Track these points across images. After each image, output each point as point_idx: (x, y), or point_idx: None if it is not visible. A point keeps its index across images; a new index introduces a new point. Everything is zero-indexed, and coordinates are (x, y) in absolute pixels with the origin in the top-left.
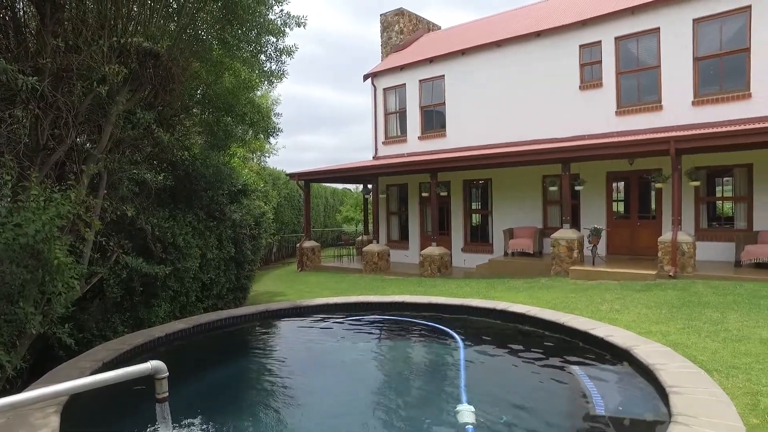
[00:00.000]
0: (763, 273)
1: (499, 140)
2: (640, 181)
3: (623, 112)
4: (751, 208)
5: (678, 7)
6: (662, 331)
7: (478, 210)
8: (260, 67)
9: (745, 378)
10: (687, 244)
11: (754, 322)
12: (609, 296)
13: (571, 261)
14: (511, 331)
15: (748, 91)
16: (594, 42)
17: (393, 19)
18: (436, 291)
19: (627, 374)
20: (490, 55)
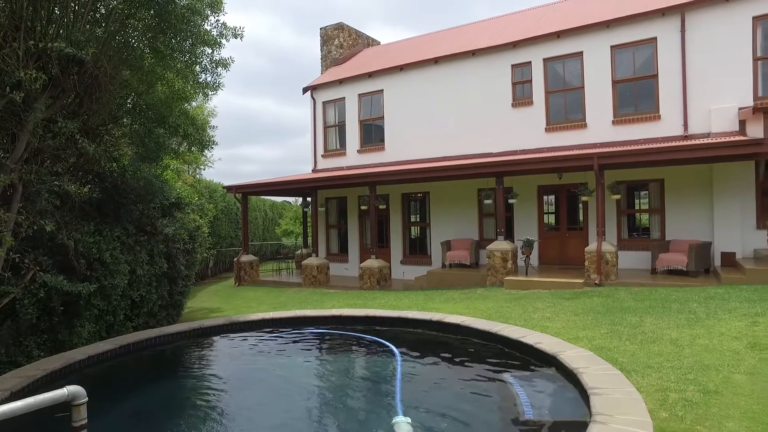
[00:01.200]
0: (674, 279)
1: (437, 154)
2: (569, 194)
3: (552, 129)
4: (663, 219)
5: (597, 34)
6: (588, 336)
7: (416, 223)
8: (195, 78)
9: (658, 376)
10: (610, 253)
11: (666, 324)
12: (541, 305)
13: (505, 271)
14: (447, 341)
15: (657, 113)
16: (525, 62)
17: (333, 33)
18: (375, 304)
19: (554, 379)
20: (427, 71)
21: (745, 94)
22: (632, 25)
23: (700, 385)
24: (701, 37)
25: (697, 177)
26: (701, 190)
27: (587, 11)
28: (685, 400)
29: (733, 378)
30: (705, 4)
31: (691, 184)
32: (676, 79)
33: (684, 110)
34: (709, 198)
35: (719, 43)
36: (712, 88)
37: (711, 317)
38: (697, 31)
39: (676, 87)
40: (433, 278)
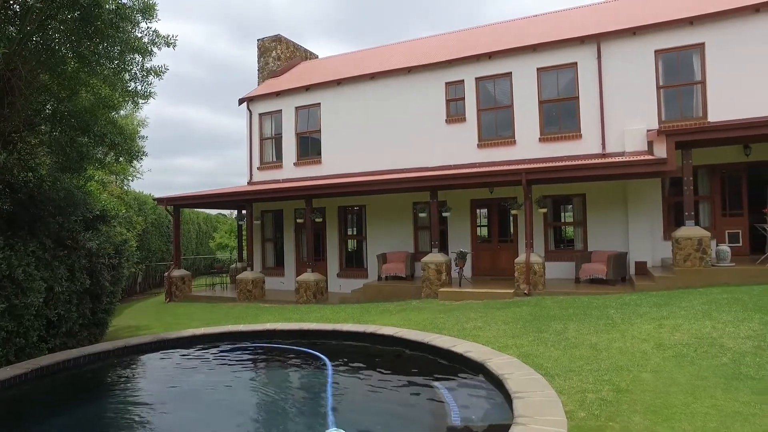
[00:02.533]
0: (596, 287)
1: (373, 168)
2: (500, 207)
3: (484, 145)
4: (586, 231)
5: (525, 56)
6: (517, 344)
7: (353, 236)
8: (124, 86)
9: (578, 379)
10: (538, 264)
11: (587, 330)
12: (473, 315)
13: (440, 283)
14: (381, 352)
15: (579, 132)
16: (458, 80)
17: (270, 45)
18: (311, 317)
19: (482, 385)
20: (364, 86)
21: (652, 117)
22: (556, 50)
23: (613, 384)
24: (614, 65)
25: (614, 192)
26: (618, 205)
27: (516, 35)
28: (600, 400)
29: (641, 377)
30: (616, 36)
31: (609, 199)
32: (595, 102)
33: (602, 130)
34: (624, 212)
35: (629, 71)
36: (625, 110)
37: (625, 322)
38: (611, 59)
39: (594, 109)
40: (369, 291)
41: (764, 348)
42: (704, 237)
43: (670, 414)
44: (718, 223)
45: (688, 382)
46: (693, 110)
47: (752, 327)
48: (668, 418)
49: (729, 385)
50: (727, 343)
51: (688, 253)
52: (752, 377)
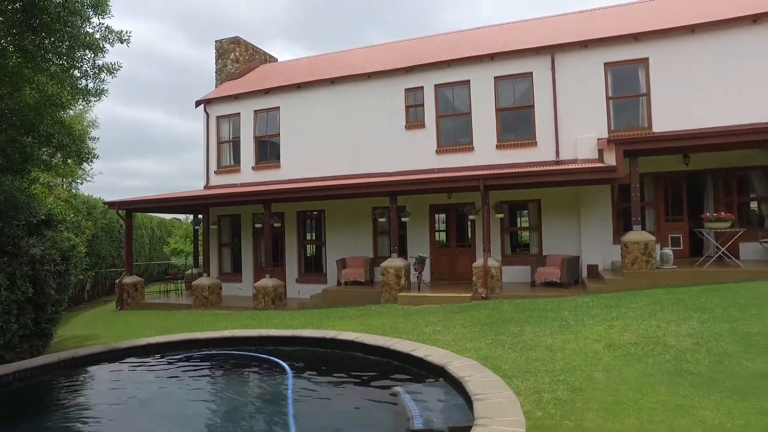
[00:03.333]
0: (550, 290)
1: (332, 173)
2: (458, 213)
3: (443, 151)
4: (541, 236)
5: (483, 65)
6: (475, 347)
7: (312, 241)
8: (73, 83)
9: (534, 380)
10: (495, 268)
11: (542, 332)
12: (432, 319)
13: (399, 288)
14: (341, 357)
15: (534, 140)
16: (418, 87)
17: (229, 46)
18: (270, 323)
19: (443, 388)
20: (324, 90)
21: (602, 126)
22: (512, 60)
23: (568, 384)
24: (567, 76)
25: (568, 198)
26: (571, 210)
27: (475, 44)
28: (556, 399)
29: (593, 375)
30: (569, 48)
31: (563, 205)
32: (549, 110)
33: (556, 138)
34: (577, 217)
35: (581, 82)
36: (577, 119)
37: (578, 323)
38: (564, 70)
39: (549, 117)
40: (328, 296)
41: (702, 345)
42: (650, 241)
43: (620, 410)
44: (661, 227)
45: (636, 380)
46: (639, 121)
47: (692, 325)
48: (618, 414)
49: (672, 381)
50: (670, 341)
51: (636, 257)
52: (692, 372)
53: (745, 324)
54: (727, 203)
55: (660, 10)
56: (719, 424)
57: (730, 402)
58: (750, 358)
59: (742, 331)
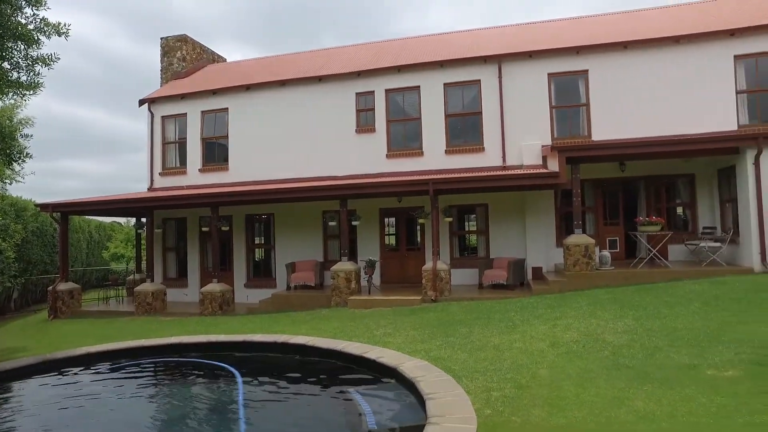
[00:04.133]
0: (497, 292)
1: (282, 176)
2: (408, 217)
3: (393, 156)
4: (488, 239)
5: (433, 71)
6: (426, 348)
7: (261, 245)
8: (4, 76)
9: (483, 379)
10: (444, 271)
11: (490, 332)
12: (383, 322)
13: (349, 291)
14: (293, 362)
15: (482, 145)
16: (368, 91)
17: (175, 44)
18: (218, 329)
19: (395, 389)
20: (274, 93)
21: (546, 134)
22: (461, 67)
23: (515, 382)
24: (514, 84)
25: (514, 203)
26: (517, 215)
27: (425, 50)
28: (504, 397)
29: (539, 373)
30: (515, 58)
31: (509, 209)
32: (496, 117)
33: (502, 144)
34: (522, 221)
35: (526, 90)
36: (523, 126)
37: (525, 324)
38: (511, 78)
39: (496, 124)
40: (278, 301)
41: (636, 340)
42: (590, 244)
43: (564, 404)
44: (600, 231)
45: (578, 375)
46: (580, 129)
47: (627, 323)
48: (562, 408)
49: (610, 375)
50: (608, 338)
51: (577, 259)
52: (627, 366)
53: (673, 320)
54: (658, 208)
55: (598, 26)
56: (650, 412)
57: (659, 391)
58: (676, 351)
59: (669, 327)
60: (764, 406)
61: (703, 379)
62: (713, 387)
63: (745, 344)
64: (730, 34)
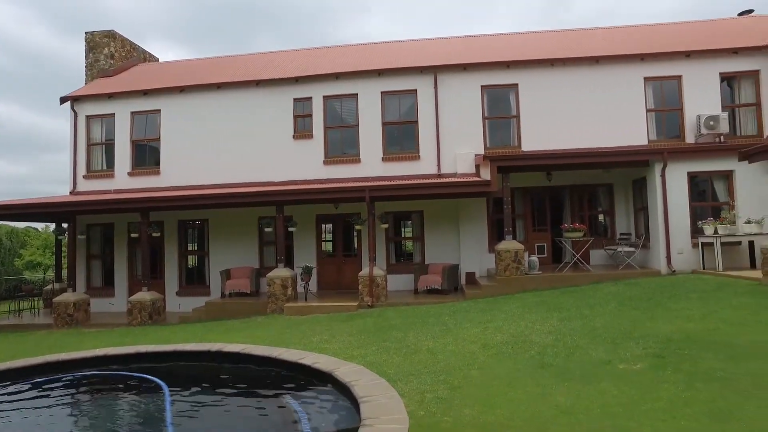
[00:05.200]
0: (432, 297)
1: (217, 181)
2: (344, 223)
3: (330, 162)
4: (424, 245)
5: (370, 79)
6: (362, 353)
7: (194, 251)
8: None
9: (418, 381)
10: (380, 277)
11: (425, 336)
12: (319, 328)
13: (285, 298)
14: (228, 371)
15: (418, 153)
16: (306, 97)
17: (102, 40)
18: (147, 339)
19: (331, 394)
20: (210, 96)
21: (479, 143)
22: (399, 77)
23: (448, 383)
24: (449, 95)
25: (448, 210)
26: (451, 221)
27: (363, 58)
28: (437, 398)
29: (470, 374)
30: (450, 69)
31: (444, 216)
32: (432, 126)
33: (437, 153)
34: (456, 227)
35: (461, 101)
36: (457, 136)
37: (458, 327)
38: (446, 89)
39: (431, 133)
40: (212, 309)
41: (560, 340)
42: (519, 249)
43: (493, 403)
44: (529, 237)
45: (507, 375)
46: (511, 140)
47: (552, 324)
48: (492, 406)
49: (536, 373)
50: (535, 339)
51: (508, 264)
52: (552, 365)
53: (593, 320)
54: (581, 216)
55: (528, 43)
56: (570, 405)
57: (578, 387)
58: (594, 348)
59: (590, 326)
60: (663, 393)
61: (616, 373)
62: (624, 379)
63: (651, 339)
64: (641, 58)
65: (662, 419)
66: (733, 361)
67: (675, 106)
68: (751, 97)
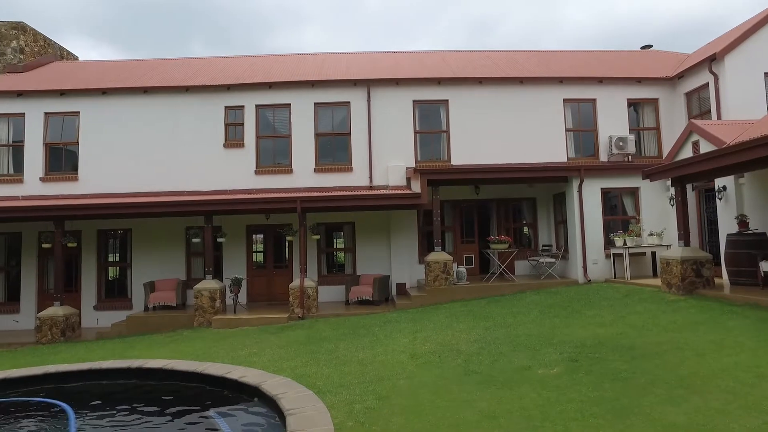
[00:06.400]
0: (364, 308)
1: (142, 189)
2: (276, 234)
3: (262, 172)
4: (355, 257)
5: (304, 90)
6: (291, 366)
7: (115, 263)
8: None
9: (347, 393)
10: (311, 288)
11: (355, 348)
12: (248, 341)
13: (214, 311)
14: (150, 388)
15: (350, 165)
16: (238, 106)
17: (10, 32)
18: (57, 359)
19: (258, 407)
20: (136, 99)
21: (410, 156)
22: (332, 89)
23: (377, 394)
24: (382, 109)
25: (380, 221)
26: (382, 233)
27: (298, 69)
28: (366, 408)
29: (398, 384)
30: (383, 83)
31: (376, 227)
32: (365, 138)
33: (370, 165)
34: (388, 239)
35: (393, 115)
36: (389, 149)
37: (388, 338)
38: (379, 103)
39: (364, 145)
40: (134, 323)
41: (485, 348)
42: (448, 261)
43: (420, 411)
44: (458, 248)
45: (434, 383)
46: (441, 154)
47: (478, 332)
48: (419, 414)
49: (461, 381)
50: (462, 347)
51: (437, 275)
52: (477, 372)
53: (516, 328)
54: (507, 228)
55: (458, 61)
56: (492, 410)
57: (500, 392)
58: (516, 355)
59: (513, 334)
60: (576, 394)
61: (535, 378)
62: (542, 383)
63: (567, 345)
64: (560, 81)
65: (574, 419)
66: (635, 361)
67: (590, 126)
68: (653, 121)
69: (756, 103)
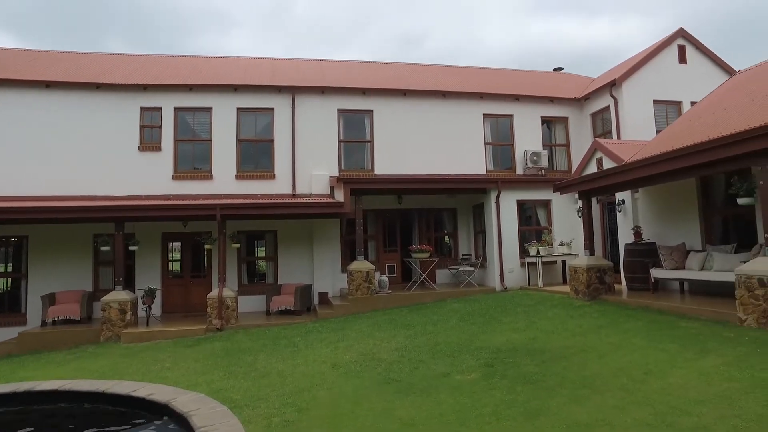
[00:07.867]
0: (285, 318)
1: (42, 192)
2: (194, 242)
3: (180, 177)
4: (277, 266)
5: (226, 94)
6: (207, 380)
7: (7, 273)
8: None
9: (265, 406)
10: (231, 298)
11: (275, 358)
12: (161, 355)
13: (123, 324)
14: (43, 413)
15: (273, 172)
16: (155, 107)
17: None
18: None
19: (166, 426)
20: (37, 94)
21: (334, 165)
22: (256, 94)
23: (296, 406)
24: (306, 116)
25: (302, 230)
26: (305, 241)
27: (220, 72)
28: (284, 421)
29: (318, 395)
30: (308, 91)
31: (298, 236)
32: (288, 146)
33: (293, 173)
34: (310, 247)
35: (318, 123)
36: (313, 157)
37: (309, 348)
38: (304, 110)
39: (287, 152)
40: (26, 340)
41: (405, 356)
42: (370, 269)
43: (339, 421)
44: (381, 257)
45: (354, 393)
46: (365, 163)
47: (399, 341)
48: (338, 425)
49: (381, 389)
50: (383, 356)
51: (359, 284)
52: (396, 380)
53: (435, 336)
54: (429, 237)
55: (383, 72)
56: (411, 418)
57: (420, 399)
58: (435, 362)
59: (433, 341)
60: (490, 399)
61: (453, 384)
62: (459, 389)
63: (484, 351)
64: (480, 97)
65: (488, 422)
66: (545, 364)
67: (508, 141)
68: (564, 138)
69: (647, 126)
